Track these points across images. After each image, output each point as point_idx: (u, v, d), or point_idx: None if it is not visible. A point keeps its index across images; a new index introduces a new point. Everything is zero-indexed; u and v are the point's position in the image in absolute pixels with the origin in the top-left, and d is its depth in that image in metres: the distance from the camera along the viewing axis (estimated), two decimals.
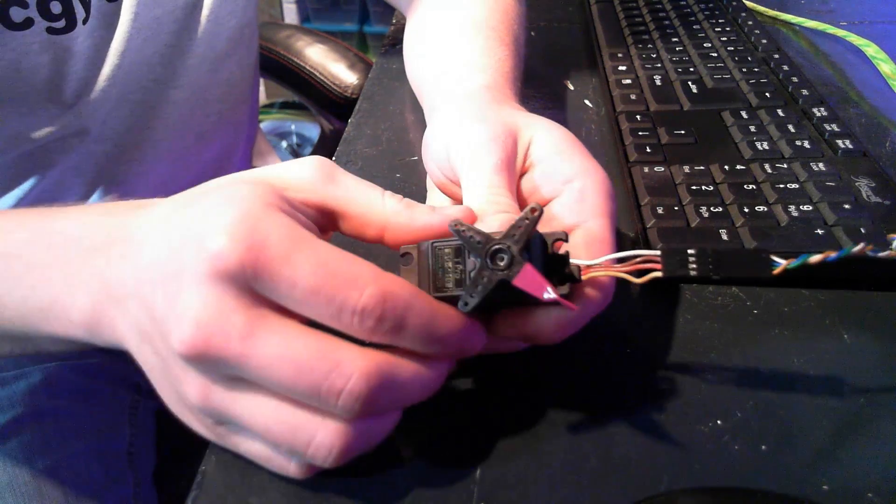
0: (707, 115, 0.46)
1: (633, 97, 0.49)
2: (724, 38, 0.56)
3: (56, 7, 0.42)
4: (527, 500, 0.26)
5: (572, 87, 0.55)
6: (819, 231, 0.35)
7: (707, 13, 0.62)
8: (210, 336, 0.22)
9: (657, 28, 0.59)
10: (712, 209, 0.37)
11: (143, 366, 0.25)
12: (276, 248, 0.22)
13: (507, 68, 0.40)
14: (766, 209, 0.36)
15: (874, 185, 0.38)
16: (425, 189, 0.43)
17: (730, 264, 0.24)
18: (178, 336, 0.22)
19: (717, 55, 0.54)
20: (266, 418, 0.23)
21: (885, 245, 0.25)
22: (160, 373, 0.25)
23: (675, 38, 0.57)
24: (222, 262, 0.22)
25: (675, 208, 0.37)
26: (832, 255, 0.24)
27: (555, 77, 0.56)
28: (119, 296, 0.25)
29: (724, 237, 0.35)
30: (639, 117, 0.46)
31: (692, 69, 0.52)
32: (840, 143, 0.41)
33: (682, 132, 0.44)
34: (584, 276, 0.26)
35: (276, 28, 0.92)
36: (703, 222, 0.36)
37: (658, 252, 0.25)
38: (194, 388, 0.23)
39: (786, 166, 0.40)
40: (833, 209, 0.36)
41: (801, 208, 0.36)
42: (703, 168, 0.40)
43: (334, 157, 0.47)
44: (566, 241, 0.26)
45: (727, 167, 0.40)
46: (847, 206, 0.36)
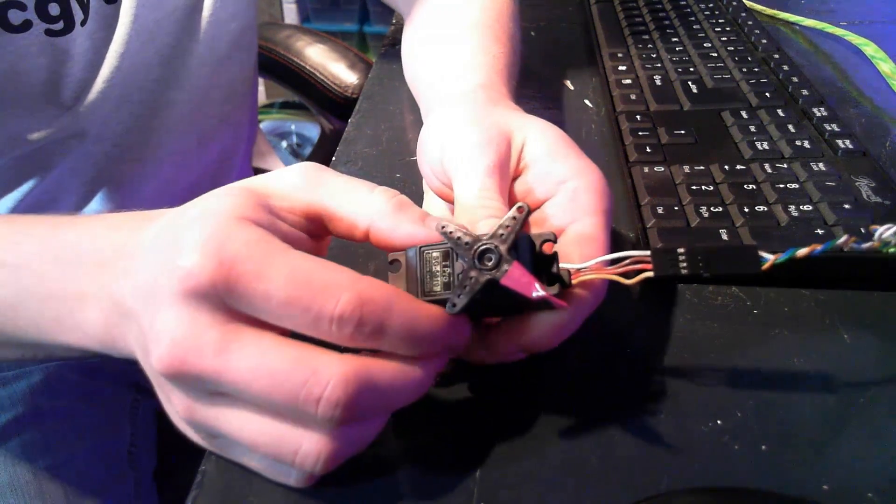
0: (707, 115, 0.46)
1: (633, 97, 0.49)
2: (724, 38, 0.56)
3: (54, 9, 0.41)
4: (527, 500, 0.26)
5: (572, 87, 0.55)
6: (819, 231, 0.35)
7: (707, 13, 0.62)
8: (184, 354, 0.22)
9: (657, 28, 0.59)
10: (712, 209, 0.37)
11: (150, 379, 0.26)
12: (246, 262, 0.22)
13: (501, 66, 0.40)
14: (766, 209, 0.36)
15: (874, 185, 0.38)
16: (423, 191, 0.43)
17: (719, 262, 0.24)
18: (156, 355, 0.22)
19: (717, 55, 0.54)
20: (251, 432, 0.23)
21: (869, 237, 0.25)
22: (156, 388, 0.25)
23: (675, 38, 0.57)
24: (193, 280, 0.22)
25: (675, 208, 0.37)
26: (818, 248, 0.24)
27: (555, 77, 0.56)
28: (123, 312, 0.25)
29: (724, 237, 0.35)
30: (639, 117, 0.46)
31: (692, 69, 0.52)
32: (840, 143, 0.41)
33: (682, 132, 0.44)
34: (574, 279, 0.26)
35: (276, 28, 0.92)
36: (703, 222, 0.36)
37: (648, 253, 0.25)
38: (180, 405, 0.24)
39: (786, 166, 0.40)
40: (833, 209, 0.36)
41: (801, 208, 0.36)
42: (703, 168, 0.40)
43: (334, 157, 0.47)
44: (555, 241, 0.26)
45: (727, 167, 0.40)
46: (847, 206, 0.36)
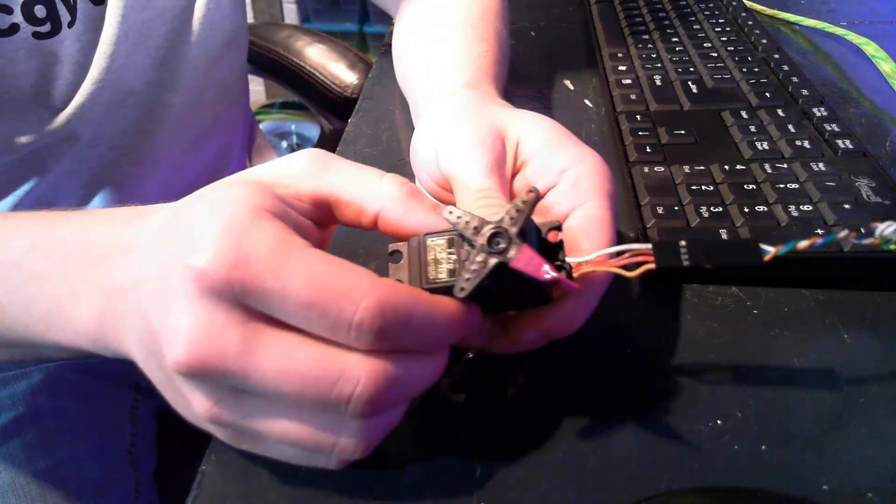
0: (707, 115, 0.46)
1: (633, 97, 0.49)
2: (724, 38, 0.56)
3: (41, 11, 0.41)
4: (527, 500, 0.26)
5: (572, 87, 0.55)
6: (819, 231, 0.35)
7: (707, 13, 0.62)
8: (205, 354, 0.21)
9: (657, 28, 0.59)
10: (712, 209, 0.37)
11: (151, 378, 0.25)
12: (263, 261, 0.21)
13: (487, 64, 0.39)
14: (766, 209, 0.36)
15: (874, 185, 0.38)
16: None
17: (721, 253, 0.24)
18: (172, 355, 0.22)
19: (717, 55, 0.54)
20: (284, 428, 0.23)
21: (870, 233, 0.25)
22: (167, 387, 0.24)
23: (675, 38, 0.57)
24: (209, 278, 0.21)
25: (675, 208, 0.37)
26: (819, 240, 0.24)
27: (555, 77, 0.56)
28: (121, 309, 0.24)
29: (725, 237, 0.35)
30: (639, 117, 0.46)
31: (692, 69, 0.52)
32: (840, 143, 0.41)
33: (682, 132, 0.44)
34: (575, 273, 0.26)
35: (276, 28, 0.92)
36: (703, 222, 0.36)
37: (649, 245, 0.25)
38: (202, 405, 0.23)
39: (786, 166, 0.40)
40: (833, 209, 0.36)
41: (801, 208, 0.36)
42: (703, 168, 0.40)
43: None
44: (560, 230, 0.26)
45: (727, 167, 0.40)
46: (847, 206, 0.36)
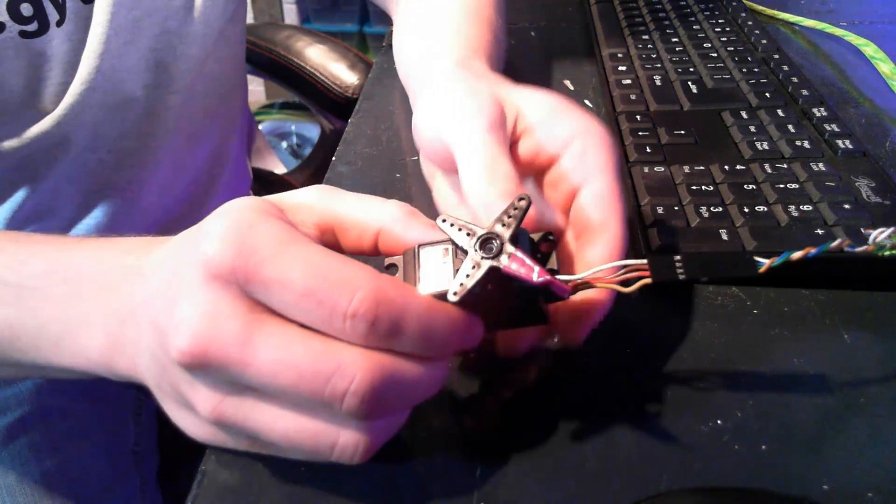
0: (707, 115, 0.46)
1: (633, 97, 0.49)
2: (724, 38, 0.56)
3: (27, 10, 0.41)
4: (527, 500, 0.26)
5: (572, 87, 0.55)
6: (819, 231, 0.35)
7: (707, 13, 0.62)
8: (208, 342, 0.22)
9: (657, 28, 0.59)
10: (712, 209, 0.37)
11: (158, 394, 0.25)
12: (265, 250, 0.22)
13: (480, 45, 0.40)
14: (766, 209, 0.36)
15: (874, 185, 0.38)
16: (425, 189, 0.43)
17: (716, 267, 0.25)
18: (176, 344, 0.22)
19: (717, 55, 0.54)
20: (285, 427, 0.23)
21: (864, 240, 0.25)
22: (172, 397, 0.25)
23: (675, 38, 0.57)
24: (215, 266, 0.22)
25: (675, 208, 0.37)
26: (812, 251, 0.24)
27: (555, 77, 0.56)
28: (133, 332, 0.25)
29: (724, 237, 0.35)
30: (639, 117, 0.46)
31: (692, 69, 0.52)
32: (840, 143, 0.41)
33: (682, 132, 0.44)
34: (571, 286, 0.26)
35: (276, 28, 0.92)
36: (703, 222, 0.36)
37: (645, 261, 0.25)
38: (205, 402, 0.23)
39: (786, 166, 0.40)
40: (833, 209, 0.36)
41: (801, 208, 0.36)
42: (703, 168, 0.40)
43: (334, 157, 0.47)
44: (554, 240, 0.26)
45: (727, 167, 0.40)
46: (847, 206, 0.36)
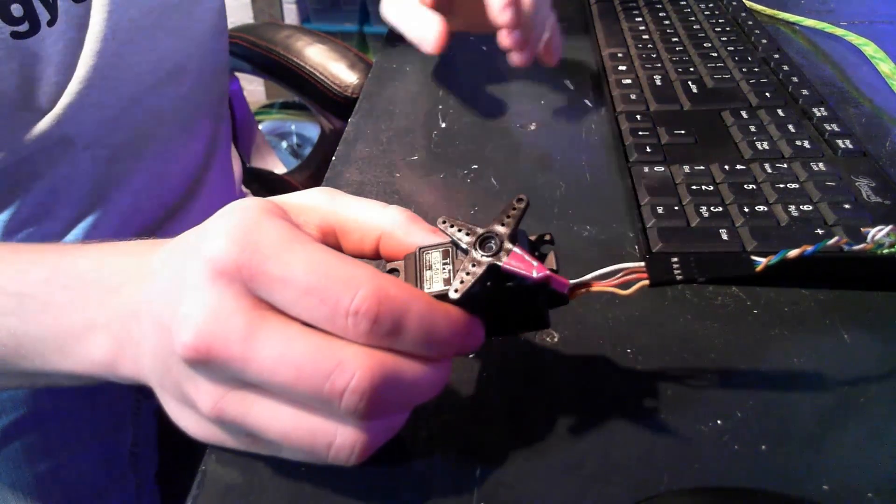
0: (707, 115, 0.46)
1: (633, 97, 0.49)
2: (724, 38, 0.56)
3: (17, 10, 0.40)
4: (527, 500, 0.26)
5: (572, 87, 0.55)
6: (819, 231, 0.35)
7: (707, 13, 0.62)
8: (211, 338, 0.22)
9: (657, 28, 0.59)
10: (712, 209, 0.37)
11: (160, 393, 0.26)
12: (270, 247, 0.22)
13: None
14: (766, 209, 0.36)
15: (874, 185, 0.38)
16: (425, 190, 0.43)
17: (713, 267, 0.25)
18: (180, 340, 0.22)
19: (717, 55, 0.54)
20: (282, 425, 0.23)
21: (862, 238, 0.25)
22: (173, 395, 0.25)
23: (675, 38, 0.57)
24: (219, 263, 0.22)
25: (675, 208, 0.37)
26: (809, 249, 0.24)
27: (555, 77, 0.56)
28: (136, 333, 0.25)
29: (724, 237, 0.35)
30: (639, 117, 0.46)
31: (692, 69, 0.52)
32: (840, 143, 0.41)
33: (682, 132, 0.44)
34: (571, 297, 0.26)
35: (276, 28, 0.92)
36: (703, 222, 0.36)
37: (642, 264, 0.25)
38: (206, 399, 0.23)
39: (786, 166, 0.40)
40: (833, 209, 0.36)
41: (801, 208, 0.36)
42: (703, 168, 0.40)
43: (334, 157, 0.47)
44: (551, 241, 0.26)
45: (727, 167, 0.40)
46: (847, 206, 0.36)
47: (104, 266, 0.28)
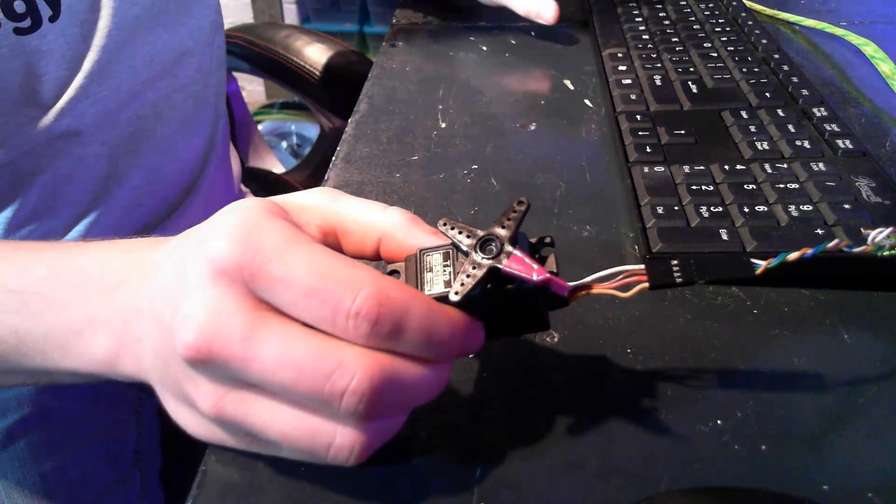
0: (707, 115, 0.46)
1: (633, 97, 0.49)
2: (724, 38, 0.56)
3: (20, 7, 0.41)
4: (527, 500, 0.26)
5: (572, 87, 0.55)
6: (819, 231, 0.35)
7: (707, 13, 0.62)
8: (212, 338, 0.22)
9: (657, 28, 0.59)
10: (712, 209, 0.37)
11: (160, 391, 0.26)
12: (271, 248, 0.22)
13: None
14: (766, 209, 0.36)
15: (874, 185, 0.38)
16: (424, 191, 0.43)
17: (712, 270, 0.25)
18: (182, 339, 0.22)
19: (717, 55, 0.54)
20: (282, 425, 0.23)
21: (862, 240, 0.25)
22: (173, 394, 0.25)
23: (675, 38, 0.57)
24: (221, 263, 0.22)
25: (675, 208, 0.37)
26: (809, 251, 0.24)
27: (555, 77, 0.56)
28: (137, 330, 0.25)
29: (724, 237, 0.35)
30: (639, 117, 0.46)
31: (692, 69, 0.52)
32: (840, 143, 0.41)
33: (682, 132, 0.44)
34: (571, 299, 0.26)
35: (275, 28, 0.92)
36: (703, 222, 0.36)
37: (642, 266, 0.25)
38: (206, 398, 0.23)
39: (786, 166, 0.40)
40: (833, 209, 0.36)
41: (801, 208, 0.36)
42: (703, 168, 0.40)
43: (334, 157, 0.47)
44: (552, 244, 0.26)
45: (727, 167, 0.40)
46: (847, 206, 0.36)
47: (105, 264, 0.28)
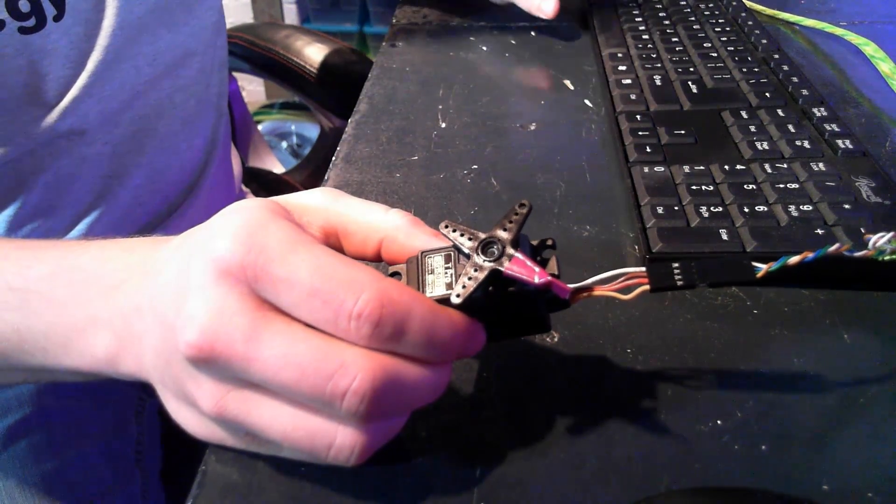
0: (707, 115, 0.46)
1: (633, 97, 0.49)
2: (724, 38, 0.56)
3: (24, 6, 0.41)
4: (527, 500, 0.26)
5: (572, 87, 0.55)
6: (819, 231, 0.35)
7: (707, 13, 0.62)
8: (215, 337, 0.22)
9: (657, 28, 0.59)
10: (712, 209, 0.37)
11: (161, 390, 0.26)
12: (275, 249, 0.22)
13: None
14: (766, 209, 0.36)
15: (874, 185, 0.38)
16: (424, 191, 0.43)
17: (714, 273, 0.25)
18: (184, 338, 0.22)
19: (717, 55, 0.54)
20: (283, 425, 0.23)
21: (863, 245, 0.25)
22: (174, 393, 0.25)
23: (675, 38, 0.57)
24: (224, 263, 0.22)
25: (675, 208, 0.37)
26: (810, 255, 0.24)
27: (555, 77, 0.56)
28: (138, 329, 0.25)
29: (724, 237, 0.35)
30: (639, 117, 0.46)
31: (692, 69, 0.52)
32: (840, 143, 0.41)
33: (682, 132, 0.44)
34: (573, 302, 0.26)
35: (275, 28, 0.92)
36: (703, 222, 0.36)
37: (643, 269, 0.25)
38: (208, 398, 0.23)
39: (786, 166, 0.40)
40: (833, 209, 0.36)
41: (801, 208, 0.36)
42: (703, 168, 0.40)
43: (334, 157, 0.47)
44: (553, 247, 0.26)
45: (727, 167, 0.40)
46: (847, 206, 0.36)
47: (107, 262, 0.28)
